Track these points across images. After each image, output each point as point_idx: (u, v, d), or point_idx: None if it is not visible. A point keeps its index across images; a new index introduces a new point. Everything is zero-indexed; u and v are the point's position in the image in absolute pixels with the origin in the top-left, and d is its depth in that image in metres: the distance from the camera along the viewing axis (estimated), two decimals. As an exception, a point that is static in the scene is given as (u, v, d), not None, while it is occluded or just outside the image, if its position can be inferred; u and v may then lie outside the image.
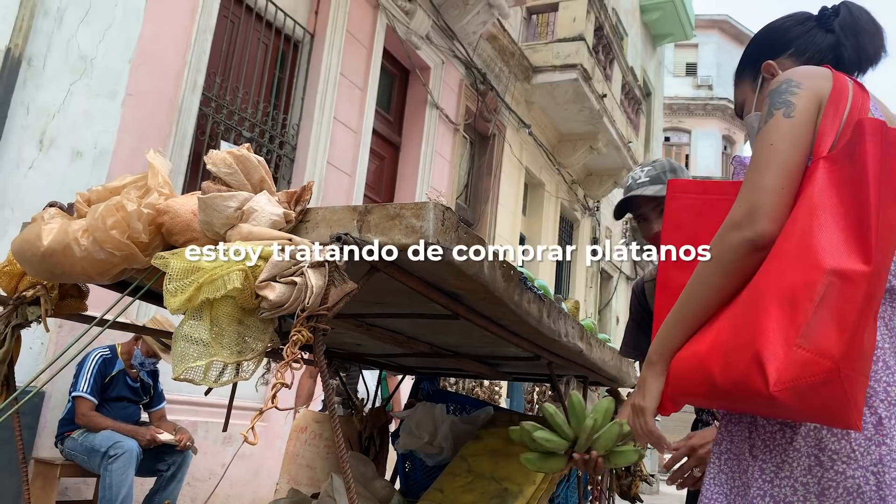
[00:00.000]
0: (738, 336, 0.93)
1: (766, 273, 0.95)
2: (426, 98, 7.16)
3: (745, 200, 1.01)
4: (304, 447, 2.66)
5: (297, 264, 1.20)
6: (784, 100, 1.05)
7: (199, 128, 4.67)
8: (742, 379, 0.89)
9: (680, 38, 16.81)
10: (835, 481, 0.94)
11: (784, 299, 0.89)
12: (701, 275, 1.04)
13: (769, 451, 1.01)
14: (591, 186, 11.35)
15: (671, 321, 1.08)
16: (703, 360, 0.98)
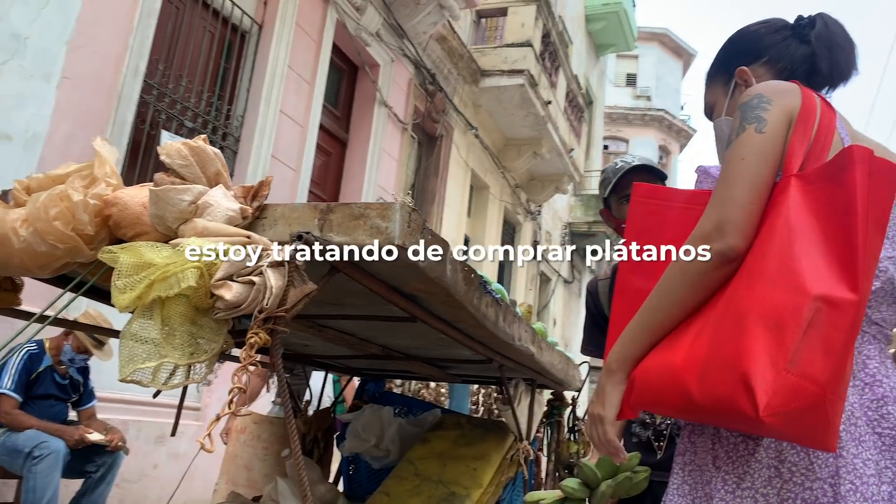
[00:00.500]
0: (719, 353, 0.92)
1: (749, 292, 0.94)
2: (375, 95, 7.10)
3: (715, 214, 1.00)
4: (243, 448, 2.58)
5: (256, 263, 1.15)
6: (756, 115, 1.05)
7: (139, 116, 4.49)
8: (726, 398, 0.88)
9: (622, 48, 17.21)
10: (793, 493, 0.95)
11: (770, 322, 0.88)
12: (667, 285, 1.03)
13: (732, 462, 1.02)
14: (533, 191, 11.48)
15: (634, 330, 1.07)
16: (676, 373, 0.97)
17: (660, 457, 1.85)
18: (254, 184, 1.37)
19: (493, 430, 2.48)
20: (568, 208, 14.44)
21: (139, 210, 1.30)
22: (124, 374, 1.13)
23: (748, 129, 1.04)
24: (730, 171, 1.03)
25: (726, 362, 0.90)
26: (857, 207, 0.89)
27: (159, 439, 4.56)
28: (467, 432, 2.50)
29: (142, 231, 1.30)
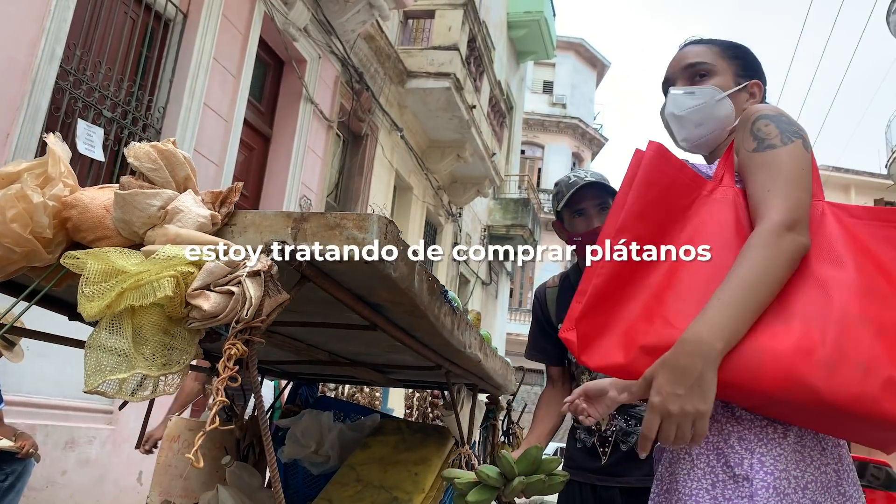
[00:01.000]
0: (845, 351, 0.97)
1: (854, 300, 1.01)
2: (301, 91, 6.98)
3: (794, 211, 1.07)
4: (177, 457, 2.49)
5: (234, 273, 1.13)
6: (797, 132, 1.15)
7: (54, 103, 4.24)
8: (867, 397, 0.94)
9: (542, 56, 17.62)
10: (813, 476, 1.05)
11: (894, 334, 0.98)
12: (767, 265, 1.03)
13: (764, 444, 1.06)
14: (455, 193, 11.58)
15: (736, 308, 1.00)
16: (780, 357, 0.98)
17: (604, 462, 1.92)
18: (222, 189, 1.34)
19: (434, 434, 2.50)
20: (487, 211, 14.65)
21: (101, 213, 1.25)
22: (91, 385, 1.09)
23: (797, 144, 1.13)
24: (793, 175, 1.10)
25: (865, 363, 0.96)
26: None
27: (68, 444, 4.33)
28: (408, 437, 2.51)
29: (103, 235, 1.25)
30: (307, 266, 1.25)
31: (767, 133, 1.15)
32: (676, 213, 1.17)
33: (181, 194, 1.25)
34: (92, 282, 1.10)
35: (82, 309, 1.09)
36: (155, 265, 1.10)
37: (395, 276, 1.29)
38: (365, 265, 1.23)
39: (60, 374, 4.30)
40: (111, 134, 4.76)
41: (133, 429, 4.84)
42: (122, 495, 4.75)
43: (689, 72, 1.37)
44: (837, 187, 25.42)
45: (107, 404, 4.69)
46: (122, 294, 1.08)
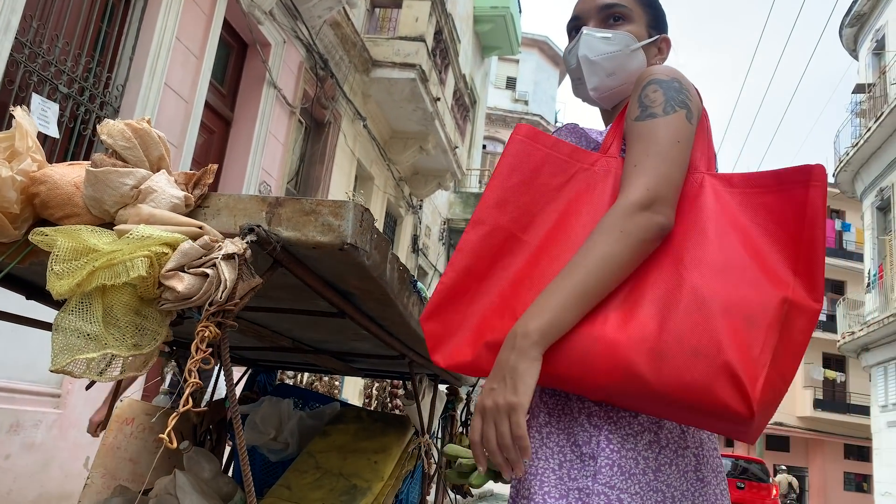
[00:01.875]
0: (682, 338, 0.90)
1: (705, 281, 0.94)
2: (264, 76, 6.88)
3: (654, 186, 0.99)
4: (129, 440, 2.45)
5: (208, 255, 1.13)
6: (683, 101, 1.07)
7: (7, 76, 4.10)
8: (699, 384, 0.87)
9: (507, 52, 17.69)
10: (668, 459, 0.99)
11: (740, 316, 0.90)
12: (608, 249, 0.96)
13: (614, 423, 1.00)
14: (416, 185, 11.58)
15: (565, 294, 0.94)
16: (613, 347, 0.91)
17: None
18: (195, 171, 1.33)
19: (394, 423, 2.52)
20: (448, 204, 14.68)
21: (70, 190, 1.23)
22: (58, 365, 1.07)
23: (680, 114, 1.06)
24: (666, 149, 1.03)
25: (698, 349, 0.88)
26: (820, 222, 0.94)
27: (13, 428, 4.20)
28: (367, 426, 2.52)
29: (72, 213, 1.23)
30: (280, 251, 1.25)
31: (653, 100, 1.07)
32: (549, 193, 1.09)
33: (155, 174, 1.23)
34: (62, 259, 1.08)
35: (51, 287, 1.07)
36: (128, 244, 1.08)
37: (367, 263, 1.30)
38: (339, 252, 1.24)
39: (6, 355, 4.18)
40: (67, 110, 4.62)
41: (81, 413, 4.73)
42: (68, 481, 4.64)
43: (604, 13, 1.27)
44: (786, 194, 26.15)
45: (54, 387, 4.57)
46: (94, 273, 1.07)
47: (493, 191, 1.09)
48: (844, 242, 25.82)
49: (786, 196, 0.98)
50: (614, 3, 1.26)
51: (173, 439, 0.95)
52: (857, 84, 16.54)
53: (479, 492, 11.63)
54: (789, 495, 18.11)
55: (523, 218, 1.07)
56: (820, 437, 25.10)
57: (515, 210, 1.08)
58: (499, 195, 1.08)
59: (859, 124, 15.77)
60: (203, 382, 2.92)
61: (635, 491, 0.96)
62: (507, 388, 0.91)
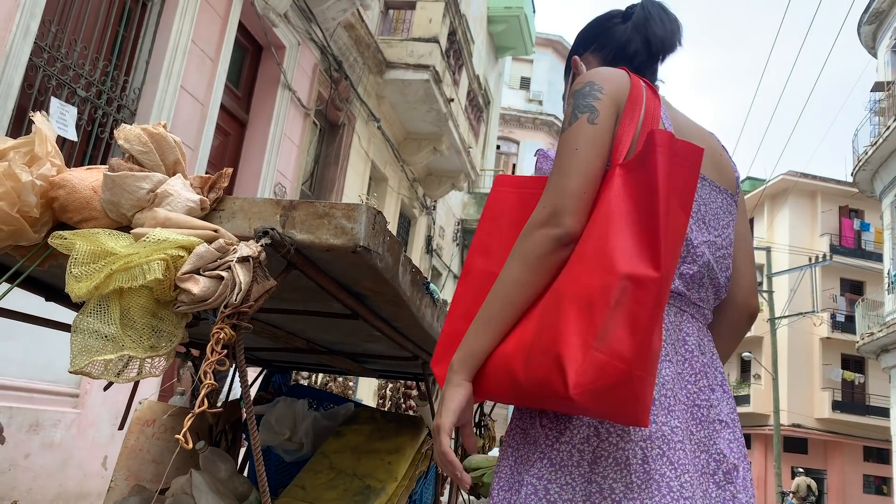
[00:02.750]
0: (540, 337, 0.94)
1: (567, 275, 0.97)
2: (279, 78, 6.92)
3: (550, 203, 1.03)
4: (151, 441, 2.48)
5: (223, 258, 1.14)
6: (588, 104, 1.08)
7: (27, 80, 4.16)
8: (544, 380, 0.91)
9: (520, 52, 17.66)
10: (607, 451, 0.99)
11: (582, 302, 0.92)
12: (507, 273, 1.03)
13: (556, 418, 1.03)
14: (430, 186, 11.59)
15: (476, 324, 1.03)
16: (507, 360, 0.98)
17: None
18: (211, 174, 1.34)
19: (407, 424, 2.53)
20: (461, 205, 14.69)
21: (88, 194, 1.25)
22: (77, 366, 1.09)
23: (581, 119, 1.07)
24: (563, 161, 1.05)
25: (546, 346, 0.92)
26: (658, 188, 0.93)
27: (33, 427, 4.26)
28: (381, 426, 2.53)
29: (90, 216, 1.25)
30: (294, 253, 1.27)
31: (566, 115, 1.10)
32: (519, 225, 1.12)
33: (171, 178, 1.25)
34: (80, 262, 1.10)
35: (70, 289, 1.09)
36: (145, 248, 1.10)
37: (380, 266, 1.32)
38: (352, 254, 1.25)
39: (26, 355, 4.24)
40: (85, 114, 4.68)
41: (99, 413, 4.78)
42: (87, 479, 4.70)
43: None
44: (804, 193, 25.96)
45: (73, 387, 4.63)
46: (111, 276, 1.09)
47: (476, 241, 1.18)
48: (863, 242, 25.52)
49: (643, 169, 0.98)
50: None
51: (189, 440, 0.96)
52: (876, 82, 16.35)
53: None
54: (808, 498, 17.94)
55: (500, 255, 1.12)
56: (839, 440, 24.82)
57: (494, 251, 1.14)
58: (480, 243, 1.17)
59: (878, 122, 15.59)
60: (218, 383, 2.95)
61: (565, 482, 0.99)
62: (440, 412, 1.02)
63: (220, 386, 2.86)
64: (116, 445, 4.72)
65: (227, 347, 1.14)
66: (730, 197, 1.21)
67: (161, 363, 1.15)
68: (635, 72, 1.23)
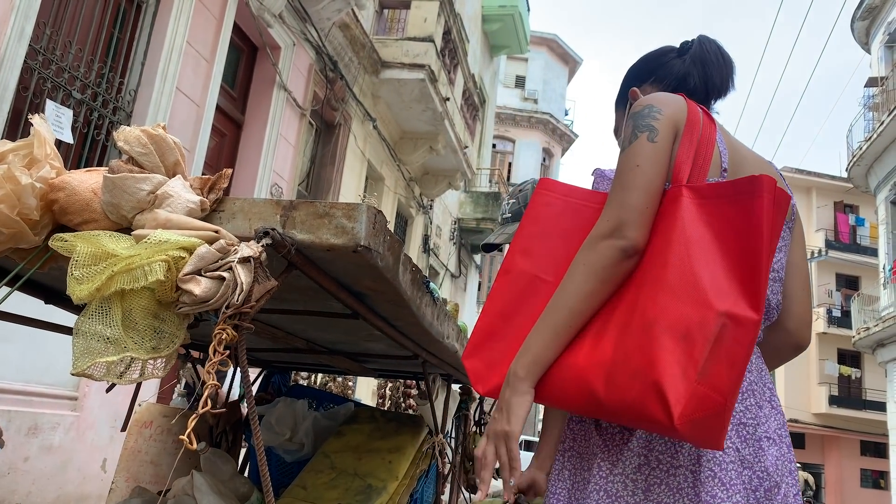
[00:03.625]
0: (628, 359, 0.97)
1: (651, 301, 0.99)
2: (274, 78, 6.92)
3: (614, 216, 1.06)
4: (149, 443, 2.48)
5: (225, 258, 1.14)
6: (647, 124, 1.12)
7: (22, 82, 4.15)
8: (636, 403, 0.94)
9: (515, 51, 17.67)
10: (659, 478, 1.05)
11: (678, 333, 0.95)
12: (573, 281, 1.06)
13: (608, 450, 1.09)
14: (426, 185, 11.59)
15: (542, 332, 1.06)
16: (580, 373, 1.01)
17: None
18: (210, 175, 1.34)
19: (408, 423, 2.53)
20: (458, 204, 14.69)
21: (88, 196, 1.25)
22: (79, 368, 1.09)
23: (640, 138, 1.11)
24: (625, 177, 1.09)
25: (636, 369, 0.95)
26: (762, 233, 0.97)
27: (31, 431, 4.25)
28: (381, 426, 2.54)
29: (90, 218, 1.25)
30: (295, 253, 1.27)
31: (625, 136, 1.15)
32: (567, 236, 1.18)
33: (171, 179, 1.25)
34: (82, 264, 1.10)
35: (72, 291, 1.09)
36: (146, 249, 1.10)
37: (381, 265, 1.32)
38: (353, 254, 1.25)
39: (24, 358, 4.23)
40: (80, 116, 4.67)
41: (98, 415, 4.78)
42: (86, 482, 4.69)
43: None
44: (799, 189, 26.01)
45: (71, 390, 4.62)
46: (113, 277, 1.09)
47: (518, 241, 1.21)
48: (858, 237, 25.60)
49: (738, 206, 1.01)
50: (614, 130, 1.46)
51: (193, 441, 0.97)
52: (870, 77, 16.39)
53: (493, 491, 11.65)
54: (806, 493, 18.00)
55: (545, 261, 1.18)
56: (836, 434, 24.91)
57: (538, 255, 1.19)
58: (522, 244, 1.21)
59: (872, 118, 15.64)
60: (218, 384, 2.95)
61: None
62: (503, 418, 1.06)
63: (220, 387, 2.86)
64: (115, 448, 4.71)
65: (229, 348, 1.14)
66: (785, 224, 1.23)
67: (163, 364, 1.15)
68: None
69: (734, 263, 0.98)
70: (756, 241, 0.97)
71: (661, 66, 1.39)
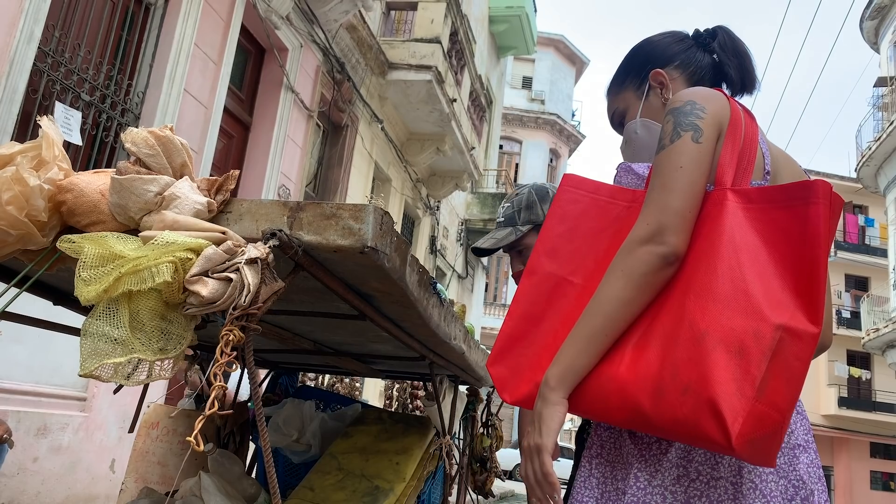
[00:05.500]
0: (677, 374, 0.92)
1: (703, 312, 0.94)
2: (282, 80, 6.93)
3: (654, 220, 1.01)
4: (156, 444, 2.48)
5: (232, 260, 1.14)
6: (691, 122, 1.06)
7: (31, 84, 4.17)
8: (688, 421, 0.89)
9: (522, 52, 17.65)
10: (699, 490, 1.00)
11: (733, 347, 0.90)
12: (611, 288, 1.00)
13: (645, 460, 1.04)
14: (433, 186, 11.60)
15: (577, 340, 1.01)
16: (623, 386, 0.96)
17: None
18: (217, 176, 1.35)
19: (415, 424, 2.53)
20: (465, 205, 14.69)
21: (96, 198, 1.25)
22: (87, 369, 1.09)
23: (685, 137, 1.05)
24: (667, 178, 1.03)
25: (688, 385, 0.90)
26: (821, 242, 0.92)
27: (40, 431, 4.27)
28: (389, 427, 2.54)
29: (98, 220, 1.25)
30: (302, 255, 1.27)
31: (665, 132, 1.08)
32: (594, 236, 1.13)
33: (178, 181, 1.25)
34: (89, 266, 1.10)
35: (79, 293, 1.09)
36: (153, 250, 1.10)
37: (388, 266, 1.31)
38: (360, 255, 1.25)
39: (33, 359, 4.25)
40: (89, 118, 4.69)
41: (106, 416, 4.79)
42: (95, 483, 4.71)
43: (614, 124, 1.41)
44: (808, 189, 25.81)
45: (80, 391, 4.64)
46: (120, 279, 1.09)
47: (544, 241, 1.16)
48: (868, 238, 25.45)
49: (791, 212, 0.96)
50: (612, 113, 1.39)
51: (200, 442, 0.97)
52: (879, 77, 16.31)
53: (500, 492, 11.62)
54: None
55: (572, 262, 1.13)
56: (845, 436, 24.76)
57: (564, 256, 1.13)
58: (548, 245, 1.15)
59: (881, 118, 15.55)
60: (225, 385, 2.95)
61: None
62: (535, 431, 1.01)
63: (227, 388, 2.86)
64: (124, 448, 4.73)
65: (237, 349, 1.14)
66: None
67: (169, 366, 1.15)
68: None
69: (789, 273, 0.94)
70: (813, 250, 0.92)
71: (681, 52, 1.33)
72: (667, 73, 1.31)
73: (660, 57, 1.34)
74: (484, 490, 2.93)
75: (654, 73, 1.31)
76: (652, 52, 1.35)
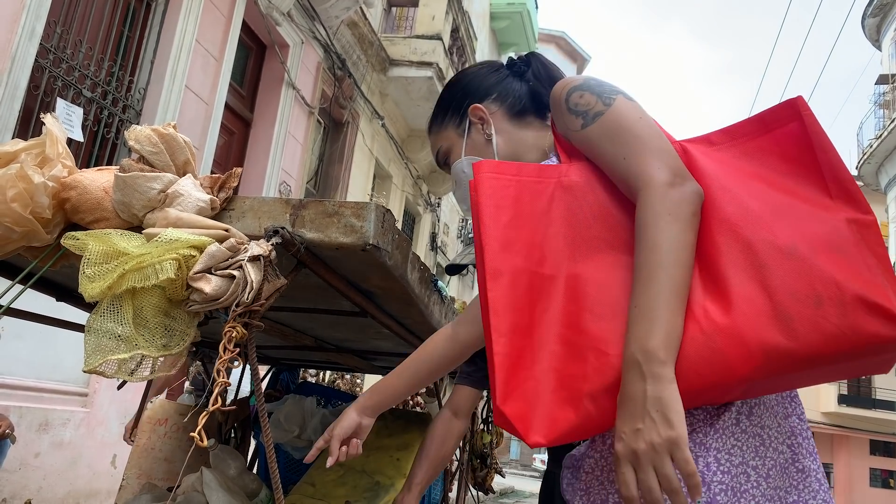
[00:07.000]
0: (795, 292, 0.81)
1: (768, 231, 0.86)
2: (283, 77, 6.93)
3: (661, 163, 0.93)
4: (163, 440, 2.49)
5: (235, 257, 1.15)
6: (613, 88, 1.03)
7: (33, 80, 4.18)
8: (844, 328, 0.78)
9: (523, 48, 17.63)
10: (774, 459, 0.92)
11: (829, 246, 0.83)
12: (671, 237, 0.88)
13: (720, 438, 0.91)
14: (434, 183, 11.60)
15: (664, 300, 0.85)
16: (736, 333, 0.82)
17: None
18: (220, 174, 1.35)
19: (415, 421, 2.54)
20: (465, 202, 14.68)
21: (100, 195, 1.26)
22: (91, 366, 1.10)
23: (619, 99, 1.01)
24: (639, 128, 0.97)
25: (818, 296, 0.80)
26: (829, 145, 0.88)
27: (42, 427, 4.29)
28: (390, 423, 2.54)
29: (102, 217, 1.26)
30: (304, 252, 1.28)
31: (586, 103, 1.02)
32: (541, 218, 1.00)
33: (181, 178, 1.26)
34: (93, 262, 1.11)
35: (83, 289, 1.10)
36: (157, 248, 1.11)
37: (389, 263, 1.32)
38: (361, 252, 1.26)
39: (35, 355, 4.26)
40: (90, 114, 4.70)
41: (108, 411, 4.81)
42: (96, 478, 4.73)
43: (440, 163, 1.40)
44: (809, 187, 25.80)
45: (82, 387, 4.66)
46: (124, 276, 1.09)
47: (493, 235, 0.97)
48: (869, 236, 25.41)
49: (780, 134, 0.92)
50: (436, 154, 1.37)
51: (203, 438, 0.98)
52: (881, 75, 16.30)
53: (501, 489, 11.64)
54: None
55: (533, 252, 0.97)
56: (845, 433, 24.79)
57: (522, 245, 0.97)
58: (500, 238, 0.97)
59: (883, 115, 15.54)
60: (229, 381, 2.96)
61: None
62: (657, 423, 0.80)
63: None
64: (125, 444, 4.74)
65: (239, 346, 1.15)
66: None
67: (173, 362, 1.16)
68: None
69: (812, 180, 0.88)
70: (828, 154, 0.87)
71: (498, 83, 1.32)
72: (486, 108, 1.30)
73: (477, 90, 1.32)
74: (484, 486, 2.94)
75: (473, 109, 1.30)
76: (468, 86, 1.34)
